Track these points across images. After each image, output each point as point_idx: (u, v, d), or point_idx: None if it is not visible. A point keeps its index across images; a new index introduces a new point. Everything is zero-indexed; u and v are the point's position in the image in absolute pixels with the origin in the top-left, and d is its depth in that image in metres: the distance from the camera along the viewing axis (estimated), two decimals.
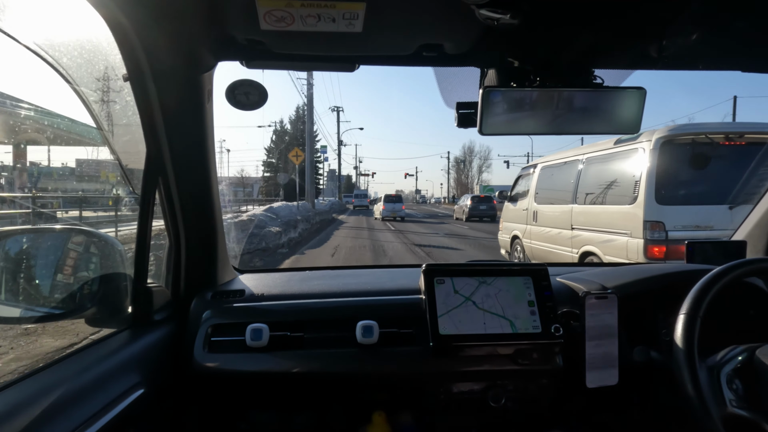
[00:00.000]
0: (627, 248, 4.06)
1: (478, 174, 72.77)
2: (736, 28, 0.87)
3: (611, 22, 0.83)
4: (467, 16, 0.75)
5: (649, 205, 3.86)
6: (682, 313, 0.88)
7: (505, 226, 7.17)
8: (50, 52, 0.82)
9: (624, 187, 4.21)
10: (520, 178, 6.85)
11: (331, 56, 1.01)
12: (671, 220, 3.83)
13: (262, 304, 1.14)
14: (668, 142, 3.86)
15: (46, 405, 0.66)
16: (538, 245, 5.82)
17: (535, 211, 6.00)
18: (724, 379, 0.85)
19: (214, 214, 1.16)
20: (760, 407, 0.82)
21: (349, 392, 1.17)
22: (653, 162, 3.86)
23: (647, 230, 3.86)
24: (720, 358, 0.89)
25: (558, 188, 5.55)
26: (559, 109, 0.89)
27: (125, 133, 1.07)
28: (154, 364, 0.95)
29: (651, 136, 3.94)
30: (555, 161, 5.80)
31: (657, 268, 1.32)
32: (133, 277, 0.96)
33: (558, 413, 1.19)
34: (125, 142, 1.07)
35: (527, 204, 6.25)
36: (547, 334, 1.05)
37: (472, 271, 1.11)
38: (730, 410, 0.82)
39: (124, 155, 1.07)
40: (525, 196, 6.41)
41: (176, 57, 0.91)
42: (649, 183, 3.87)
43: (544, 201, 5.86)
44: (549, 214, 5.62)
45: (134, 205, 0.99)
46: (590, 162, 4.91)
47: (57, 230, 1.11)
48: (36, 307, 0.94)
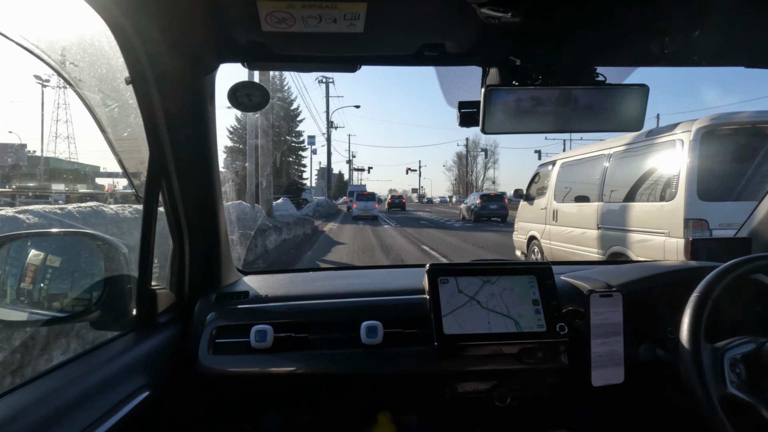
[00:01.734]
0: (665, 248, 3.75)
1: (483, 170, 67.48)
2: (739, 23, 0.86)
3: (613, 19, 0.82)
4: (469, 15, 0.75)
5: (690, 201, 3.54)
6: (694, 294, 0.89)
7: (520, 227, 6.77)
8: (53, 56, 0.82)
9: (660, 183, 3.88)
10: (537, 176, 6.43)
11: (333, 57, 1.01)
12: (715, 218, 3.48)
13: (266, 305, 1.14)
14: (710, 133, 3.56)
15: (52, 408, 0.66)
16: (558, 246, 5.50)
17: (555, 210, 5.61)
18: (727, 362, 0.85)
19: (218, 215, 1.16)
20: (762, 395, 0.82)
21: (354, 393, 1.17)
22: (694, 154, 3.51)
23: (689, 229, 3.54)
24: (726, 343, 0.89)
25: (581, 185, 5.18)
26: (562, 107, 0.89)
27: (128, 135, 1.07)
28: (159, 367, 0.95)
29: (690, 126, 3.66)
30: (577, 157, 5.40)
31: (662, 265, 1.31)
32: (137, 280, 0.97)
33: (563, 412, 1.18)
34: (128, 144, 1.07)
35: (546, 202, 5.85)
36: (552, 332, 1.05)
37: (476, 271, 1.11)
38: (729, 391, 0.82)
39: (127, 158, 1.07)
40: (543, 195, 6.01)
41: (178, 59, 0.91)
42: (690, 177, 3.52)
43: (565, 199, 5.47)
44: (571, 213, 5.26)
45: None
46: (619, 156, 4.53)
47: (62, 234, 1.11)
48: (41, 311, 0.94)
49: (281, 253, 9.03)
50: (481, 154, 62.48)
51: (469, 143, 60.39)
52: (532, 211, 6.34)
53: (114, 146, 1.04)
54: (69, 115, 54.56)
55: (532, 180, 6.56)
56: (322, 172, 50.36)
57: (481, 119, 0.88)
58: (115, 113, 1.04)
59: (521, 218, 6.79)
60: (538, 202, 6.17)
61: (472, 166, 65.57)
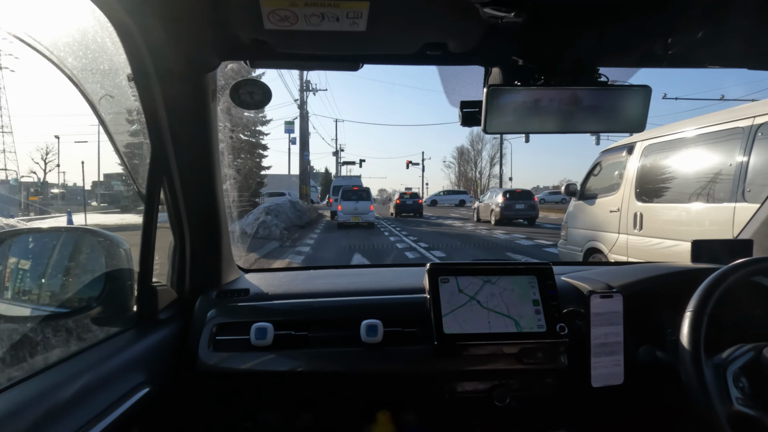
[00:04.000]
0: None
1: (489, 166, 59.75)
2: (743, 25, 0.86)
3: (616, 20, 0.82)
4: (471, 15, 0.75)
5: None
6: (688, 311, 0.88)
7: (573, 234, 5.07)
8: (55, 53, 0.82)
9: None
10: (598, 166, 4.84)
11: (335, 55, 1.00)
12: None
13: (266, 303, 1.15)
14: None
15: (52, 404, 0.66)
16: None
17: (638, 214, 3.96)
18: (730, 377, 0.85)
19: (219, 213, 1.17)
20: (767, 406, 0.82)
21: (354, 391, 1.17)
22: None
23: None
24: (726, 356, 0.89)
25: (692, 177, 3.51)
26: (564, 108, 0.89)
27: (130, 132, 1.07)
28: (159, 363, 0.96)
29: None
30: (679, 135, 3.67)
31: (663, 267, 1.31)
32: (138, 276, 0.97)
33: (563, 413, 1.18)
34: (130, 141, 1.07)
35: (619, 202, 4.24)
36: (552, 333, 1.05)
37: (477, 270, 1.11)
38: (736, 408, 0.81)
39: (129, 155, 1.07)
40: (613, 191, 4.41)
41: (180, 57, 0.91)
42: None
43: (658, 198, 3.84)
44: (672, 219, 3.61)
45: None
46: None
47: (63, 230, 1.12)
48: (42, 307, 0.95)
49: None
50: (486, 147, 55.26)
51: (473, 135, 53.34)
52: (592, 214, 4.74)
53: (116, 143, 1.05)
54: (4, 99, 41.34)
55: (591, 172, 4.95)
56: (313, 172, 38.17)
57: (483, 119, 0.87)
58: (117, 110, 1.04)
59: (574, 223, 5.12)
60: (603, 201, 4.56)
61: (477, 160, 58.55)
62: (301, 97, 23.72)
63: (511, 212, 14.88)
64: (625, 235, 4.16)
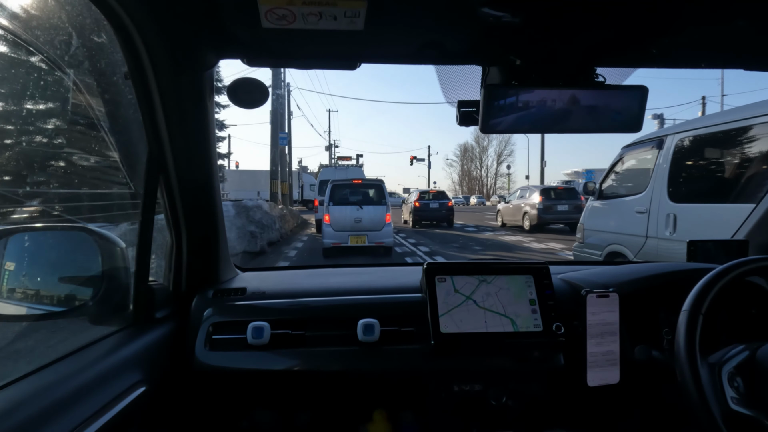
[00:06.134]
0: None
1: (496, 163, 55.23)
2: (738, 27, 0.86)
3: (613, 20, 0.82)
4: (469, 14, 0.75)
5: None
6: (684, 310, 0.88)
7: (591, 237, 4.60)
8: (51, 50, 0.82)
9: None
10: (619, 162, 4.37)
11: (333, 54, 1.00)
12: None
13: (263, 302, 1.14)
14: None
15: (48, 402, 0.66)
16: None
17: (670, 215, 3.52)
18: (725, 377, 0.85)
19: (216, 211, 1.16)
20: (761, 405, 0.82)
21: (350, 390, 1.17)
22: None
23: None
24: (721, 355, 0.89)
25: (735, 172, 3.13)
26: (561, 108, 0.89)
27: (126, 130, 1.07)
28: (156, 362, 0.95)
29: None
30: (718, 126, 3.23)
31: (658, 266, 1.32)
32: (134, 275, 0.96)
33: (559, 412, 1.19)
34: (126, 139, 1.07)
35: (648, 202, 3.77)
36: (548, 332, 1.05)
37: (473, 270, 1.11)
38: (731, 408, 0.82)
39: (126, 153, 1.07)
40: (639, 190, 3.94)
41: (177, 55, 0.91)
42: None
43: (693, 197, 3.42)
44: (714, 221, 3.15)
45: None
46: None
47: (59, 228, 1.11)
48: (38, 305, 0.94)
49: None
50: (492, 143, 52.28)
51: (478, 131, 53.25)
52: (614, 215, 4.27)
53: (112, 141, 1.04)
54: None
55: (611, 169, 4.48)
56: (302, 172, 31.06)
57: (480, 118, 0.88)
58: (113, 108, 1.04)
59: (592, 224, 4.66)
60: (627, 201, 4.09)
61: (483, 157, 55.19)
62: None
63: (552, 215, 12.06)
64: (654, 238, 3.66)
